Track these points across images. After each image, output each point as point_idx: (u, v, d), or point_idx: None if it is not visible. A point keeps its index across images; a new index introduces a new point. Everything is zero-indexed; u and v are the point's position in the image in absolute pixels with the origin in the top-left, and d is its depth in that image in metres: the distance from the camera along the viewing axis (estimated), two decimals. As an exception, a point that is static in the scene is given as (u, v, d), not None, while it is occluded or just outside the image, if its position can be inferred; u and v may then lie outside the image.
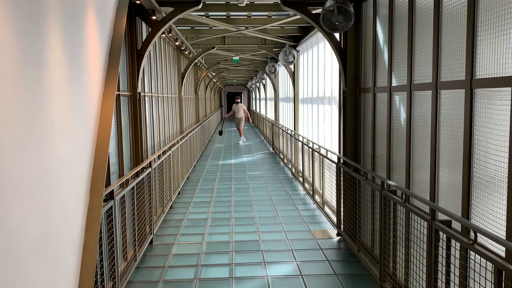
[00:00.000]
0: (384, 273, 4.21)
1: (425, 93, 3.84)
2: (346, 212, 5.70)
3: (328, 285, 4.50)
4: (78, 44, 3.08)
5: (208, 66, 18.10)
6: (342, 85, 5.98)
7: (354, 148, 5.88)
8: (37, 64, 2.38)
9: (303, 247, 5.60)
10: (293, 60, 11.59)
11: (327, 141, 9.08)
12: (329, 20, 5.33)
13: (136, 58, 6.13)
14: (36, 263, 2.34)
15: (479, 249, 2.61)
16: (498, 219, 2.81)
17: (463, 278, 2.90)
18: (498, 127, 2.83)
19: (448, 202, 3.49)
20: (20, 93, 2.17)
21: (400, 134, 4.44)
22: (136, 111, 6.10)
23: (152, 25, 6.42)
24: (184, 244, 5.84)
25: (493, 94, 2.89)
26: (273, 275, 4.73)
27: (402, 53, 4.37)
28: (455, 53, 3.33)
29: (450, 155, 3.45)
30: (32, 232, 2.28)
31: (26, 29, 2.24)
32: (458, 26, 3.29)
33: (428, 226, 3.22)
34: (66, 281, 2.77)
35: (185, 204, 8.07)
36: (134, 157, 6.14)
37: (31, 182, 2.29)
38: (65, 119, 2.79)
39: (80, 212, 3.05)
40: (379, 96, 5.06)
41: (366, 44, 5.53)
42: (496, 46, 2.84)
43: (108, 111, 3.53)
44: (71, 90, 2.91)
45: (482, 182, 3.01)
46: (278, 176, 10.80)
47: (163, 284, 4.57)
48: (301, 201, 8.13)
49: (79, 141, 3.07)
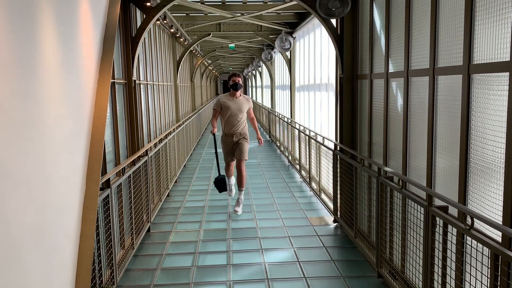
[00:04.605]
0: (381, 259, 4.23)
1: (422, 79, 3.82)
2: (343, 199, 5.71)
3: (325, 271, 4.53)
4: (71, 30, 3.03)
5: (203, 53, 17.98)
6: (338, 71, 5.95)
7: (351, 135, 5.88)
8: (30, 51, 2.34)
9: (300, 234, 5.62)
10: (289, 47, 11.52)
11: (324, 128, 9.07)
12: (325, 6, 5.28)
13: (131, 46, 6.06)
14: (33, 252, 2.33)
15: (475, 234, 2.62)
16: (495, 205, 2.82)
17: (460, 263, 2.92)
18: (495, 112, 2.82)
19: (445, 188, 3.50)
20: (13, 80, 2.14)
21: (397, 120, 4.43)
22: (131, 99, 6.05)
23: (146, 11, 6.34)
24: (181, 232, 5.85)
25: (491, 80, 2.88)
26: (270, 262, 4.76)
27: (399, 39, 4.34)
28: (453, 39, 3.31)
29: (447, 141, 3.45)
30: (28, 221, 2.27)
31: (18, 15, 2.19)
32: (456, 11, 3.26)
33: (425, 212, 3.22)
34: (63, 270, 2.77)
35: (182, 192, 8.07)
36: (130, 145, 6.11)
37: (26, 171, 2.27)
38: (59, 107, 2.76)
39: (76, 200, 3.04)
40: (376, 82, 5.04)
41: (363, 30, 5.49)
42: (494, 31, 2.82)
43: (103, 99, 3.49)
44: (65, 78, 2.88)
45: (478, 167, 3.02)
46: (274, 164, 10.81)
47: (161, 272, 4.59)
48: (298, 189, 8.15)
49: (74, 129, 3.04)
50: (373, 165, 4.81)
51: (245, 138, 6.40)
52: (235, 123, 6.33)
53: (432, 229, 3.14)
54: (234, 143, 6.36)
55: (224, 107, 6.33)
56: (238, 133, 6.34)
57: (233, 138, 6.34)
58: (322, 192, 7.30)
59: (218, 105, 6.40)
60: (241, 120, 6.37)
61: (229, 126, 6.34)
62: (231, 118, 6.32)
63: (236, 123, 6.33)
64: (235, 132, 6.33)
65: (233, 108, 6.32)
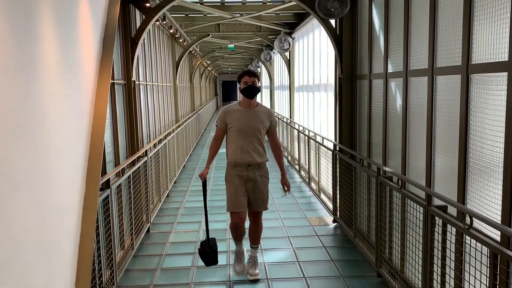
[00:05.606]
0: (380, 259, 4.24)
1: (421, 79, 3.83)
2: (342, 199, 5.72)
3: (324, 271, 4.54)
4: (71, 31, 3.04)
5: (203, 54, 17.98)
6: (338, 72, 5.96)
7: (350, 135, 5.89)
8: (30, 52, 2.35)
9: (300, 234, 5.63)
10: (288, 47, 11.53)
11: (323, 129, 9.08)
12: (324, 6, 5.29)
13: (130, 46, 6.07)
14: (33, 252, 2.34)
15: (474, 233, 2.63)
16: (494, 204, 2.82)
17: (459, 263, 2.93)
18: (494, 112, 2.83)
19: (444, 187, 3.50)
20: (13, 81, 2.14)
21: (396, 120, 4.44)
22: (131, 99, 6.05)
23: (146, 12, 6.35)
24: (181, 232, 5.86)
25: (489, 79, 2.88)
26: (270, 262, 4.76)
27: (398, 39, 4.35)
28: (452, 39, 3.32)
29: (446, 141, 3.45)
30: (28, 221, 2.27)
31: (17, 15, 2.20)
32: (455, 11, 3.27)
33: (424, 211, 3.23)
34: (63, 270, 2.78)
35: (181, 193, 8.08)
36: (130, 146, 6.12)
37: (26, 171, 2.27)
38: (59, 107, 2.77)
39: (76, 201, 3.04)
40: (375, 82, 5.05)
41: (362, 30, 5.50)
42: (493, 31, 2.83)
43: (102, 99, 3.50)
44: (65, 78, 2.88)
45: (477, 167, 3.02)
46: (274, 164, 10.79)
47: (160, 272, 4.59)
48: (297, 189, 8.15)
49: (74, 130, 3.05)
50: (373, 165, 4.81)
51: (265, 174, 4.27)
52: (250, 148, 4.10)
53: (432, 229, 3.15)
54: (248, 179, 4.15)
55: (233, 122, 4.11)
56: (255, 164, 4.14)
57: (248, 172, 4.13)
58: (321, 192, 7.31)
59: (223, 120, 4.16)
60: (259, 144, 4.15)
61: (239, 153, 4.11)
62: (243, 140, 4.09)
63: (252, 147, 4.10)
64: (251, 162, 4.12)
65: (247, 124, 4.09)
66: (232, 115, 4.15)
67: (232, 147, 4.15)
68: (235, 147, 4.13)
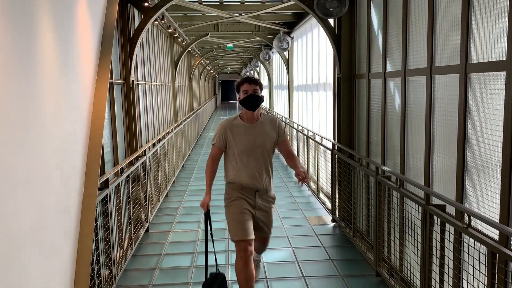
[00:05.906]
0: (379, 258, 4.25)
1: (420, 79, 3.84)
2: (341, 198, 5.73)
3: (323, 270, 4.54)
4: (69, 30, 3.03)
5: (201, 53, 17.98)
6: (336, 71, 5.96)
7: (349, 134, 5.89)
8: (28, 51, 2.35)
9: (299, 233, 5.63)
10: (287, 47, 11.53)
11: (322, 128, 9.08)
12: (323, 6, 5.30)
13: (129, 46, 6.07)
14: (32, 252, 2.34)
15: (473, 232, 2.64)
16: (492, 203, 2.83)
17: (457, 262, 2.93)
18: (492, 111, 2.83)
19: (442, 187, 3.51)
20: (12, 80, 2.14)
21: (395, 119, 4.45)
22: (129, 99, 6.05)
23: (144, 11, 6.34)
24: (180, 232, 5.86)
25: (488, 79, 2.89)
26: (269, 261, 4.76)
27: (396, 38, 4.35)
28: (450, 38, 3.32)
29: (445, 140, 3.46)
30: (27, 221, 2.27)
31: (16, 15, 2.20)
32: (453, 10, 3.27)
33: (423, 210, 3.24)
34: (62, 270, 2.77)
35: (180, 193, 8.08)
36: (129, 146, 6.11)
37: (24, 171, 2.27)
38: (57, 107, 2.76)
39: (75, 200, 3.04)
40: (374, 82, 5.05)
41: (360, 30, 5.50)
42: (491, 30, 2.83)
43: (101, 99, 3.50)
44: (64, 78, 2.88)
45: (476, 166, 3.03)
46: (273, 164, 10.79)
47: (159, 272, 4.59)
48: (296, 188, 8.16)
49: (72, 129, 3.05)
50: (371, 164, 4.82)
51: (272, 198, 3.67)
52: (258, 171, 3.48)
53: (430, 228, 3.15)
54: (255, 207, 3.51)
55: (236, 141, 3.46)
56: (262, 188, 3.52)
57: (255, 198, 3.50)
58: (320, 191, 7.32)
59: (223, 138, 3.50)
60: (266, 164, 3.54)
61: (244, 175, 3.47)
62: (249, 162, 3.46)
63: (259, 170, 3.49)
64: (257, 186, 3.49)
65: (253, 143, 3.45)
66: (234, 132, 3.47)
67: (235, 169, 3.49)
68: (237, 170, 3.48)
